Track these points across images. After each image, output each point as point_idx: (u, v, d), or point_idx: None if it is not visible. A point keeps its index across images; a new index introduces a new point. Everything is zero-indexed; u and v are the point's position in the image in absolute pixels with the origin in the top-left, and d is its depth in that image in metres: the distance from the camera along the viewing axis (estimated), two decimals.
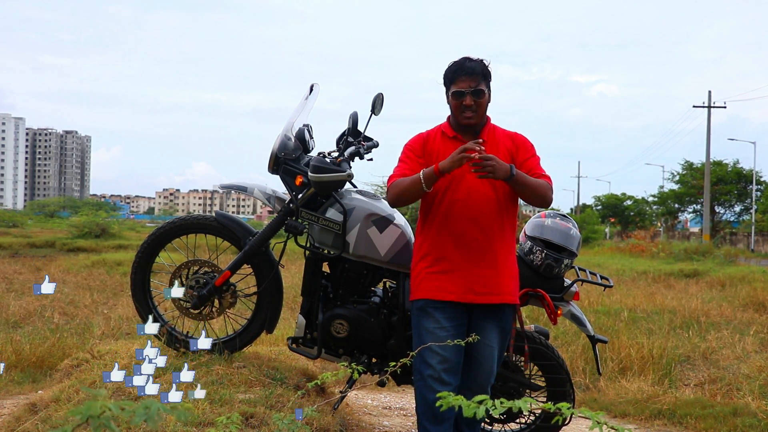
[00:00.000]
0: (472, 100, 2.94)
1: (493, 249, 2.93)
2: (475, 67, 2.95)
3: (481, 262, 2.92)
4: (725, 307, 9.17)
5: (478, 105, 2.95)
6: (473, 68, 2.94)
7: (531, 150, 3.05)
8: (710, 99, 32.95)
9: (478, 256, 2.92)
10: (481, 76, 2.96)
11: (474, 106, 2.95)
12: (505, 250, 2.99)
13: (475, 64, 2.96)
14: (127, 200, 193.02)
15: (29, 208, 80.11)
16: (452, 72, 2.97)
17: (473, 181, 2.91)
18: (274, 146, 3.50)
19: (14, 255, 18.27)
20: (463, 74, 2.94)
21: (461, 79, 2.95)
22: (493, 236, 2.94)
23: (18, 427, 3.21)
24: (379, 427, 4.11)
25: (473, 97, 2.94)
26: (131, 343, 4.15)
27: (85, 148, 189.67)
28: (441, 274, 2.94)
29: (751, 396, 5.00)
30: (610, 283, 3.76)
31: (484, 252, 2.92)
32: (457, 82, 2.96)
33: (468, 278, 2.91)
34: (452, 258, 2.93)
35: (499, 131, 3.07)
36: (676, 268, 15.67)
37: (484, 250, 2.92)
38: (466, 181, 2.92)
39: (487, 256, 2.93)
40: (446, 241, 2.94)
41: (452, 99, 2.98)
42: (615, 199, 57.35)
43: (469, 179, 2.92)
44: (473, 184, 2.92)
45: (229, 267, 3.54)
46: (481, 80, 2.96)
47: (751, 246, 35.64)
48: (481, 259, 2.92)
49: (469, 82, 2.94)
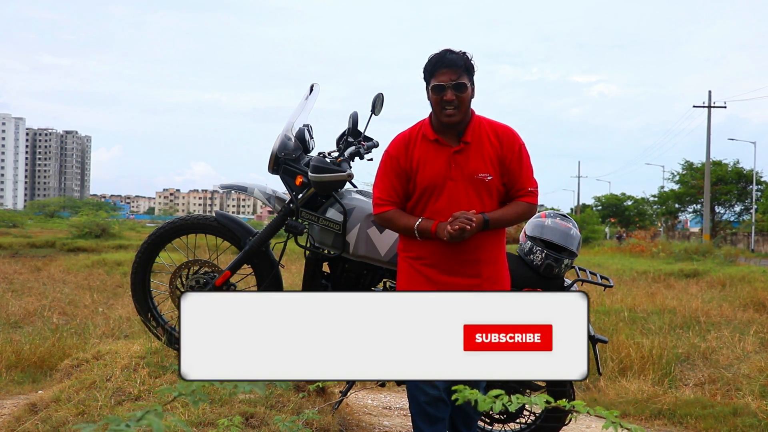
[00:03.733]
0: (454, 94, 2.74)
1: (476, 258, 2.83)
2: (456, 59, 2.75)
3: (462, 271, 2.83)
4: (725, 307, 9.17)
5: (460, 101, 2.75)
6: (454, 60, 2.75)
7: (519, 153, 2.85)
8: (710, 99, 32.96)
9: (460, 265, 2.83)
10: (464, 69, 2.76)
11: (456, 102, 2.74)
12: (492, 258, 2.88)
13: (457, 56, 2.76)
14: (127, 200, 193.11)
15: (29, 208, 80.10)
16: (432, 65, 2.77)
17: (454, 189, 2.81)
18: (274, 146, 3.50)
19: (14, 255, 18.27)
20: (444, 67, 2.75)
21: (441, 72, 2.75)
22: (477, 245, 2.82)
23: (18, 427, 3.22)
24: (379, 427, 4.11)
25: (455, 91, 2.74)
26: (131, 343, 4.15)
27: (85, 148, 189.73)
28: (422, 277, 2.85)
29: (751, 396, 5.00)
30: (610, 283, 3.76)
31: (467, 261, 2.83)
32: (436, 75, 2.75)
33: (449, 286, 2.81)
34: (437, 265, 2.84)
35: (485, 126, 2.86)
36: (676, 268, 15.66)
37: (467, 259, 2.83)
38: (448, 189, 2.81)
39: (470, 266, 2.83)
40: (429, 248, 2.84)
41: (432, 94, 2.77)
42: (615, 199, 57.38)
43: (450, 187, 2.81)
44: (454, 192, 2.81)
45: (229, 267, 3.54)
46: (464, 73, 2.76)
47: (751, 246, 35.64)
48: (463, 268, 2.83)
49: (450, 75, 2.74)
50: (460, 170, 2.80)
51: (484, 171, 2.80)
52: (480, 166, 2.80)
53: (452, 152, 2.82)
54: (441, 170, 2.81)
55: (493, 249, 2.88)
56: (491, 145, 2.83)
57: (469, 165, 2.80)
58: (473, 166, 2.80)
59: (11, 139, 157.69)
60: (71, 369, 3.98)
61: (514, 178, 2.86)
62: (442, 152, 2.83)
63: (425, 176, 2.81)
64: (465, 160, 2.81)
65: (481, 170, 2.80)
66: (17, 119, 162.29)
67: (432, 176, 2.81)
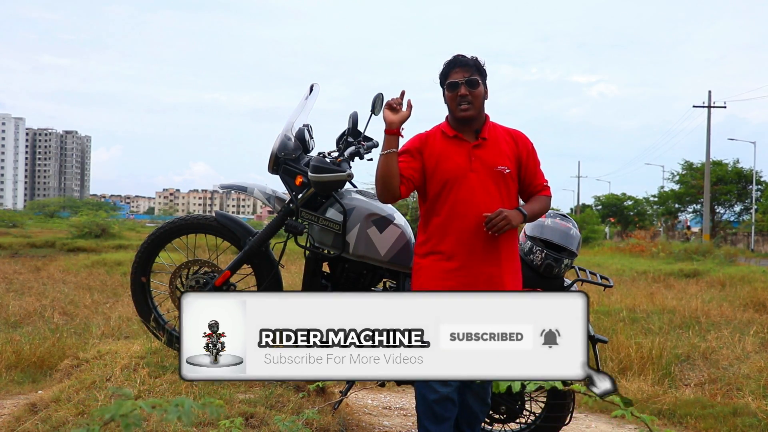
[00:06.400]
0: (467, 90, 2.93)
1: (497, 247, 2.94)
2: (468, 60, 2.98)
3: (486, 260, 2.92)
4: (725, 307, 9.17)
5: (473, 96, 2.94)
6: (466, 61, 2.97)
7: (533, 152, 3.08)
8: (710, 99, 32.96)
9: (482, 254, 2.92)
10: (475, 69, 2.97)
11: (469, 97, 2.94)
12: (509, 248, 3.00)
13: (469, 59, 2.99)
14: (127, 200, 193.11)
15: (29, 208, 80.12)
16: (446, 67, 3.00)
17: (476, 179, 2.93)
18: (274, 146, 3.51)
19: (14, 255, 18.27)
20: (457, 66, 2.97)
21: (455, 71, 2.96)
22: (496, 238, 2.93)
23: (18, 427, 3.21)
24: (379, 427, 4.11)
25: (468, 87, 2.94)
26: (131, 343, 4.15)
27: (85, 148, 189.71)
28: (445, 272, 2.93)
29: (751, 396, 5.00)
30: (610, 283, 3.76)
31: (488, 250, 2.93)
32: (451, 74, 2.97)
33: (474, 276, 2.91)
34: (457, 256, 2.92)
35: (499, 128, 3.08)
36: (676, 268, 15.66)
37: (489, 248, 2.93)
38: (469, 180, 2.93)
39: (491, 254, 2.93)
40: (450, 240, 2.93)
41: (447, 91, 2.98)
42: (615, 199, 57.33)
43: (472, 178, 2.93)
44: (476, 182, 2.93)
45: (229, 267, 3.54)
46: (475, 72, 2.97)
47: (751, 246, 35.63)
48: (485, 257, 2.92)
49: (463, 73, 2.95)
50: (480, 162, 2.96)
51: (503, 164, 2.96)
52: (499, 159, 2.98)
53: (471, 146, 2.97)
54: (462, 162, 2.95)
55: (510, 243, 3.01)
56: (506, 143, 3.05)
57: (489, 158, 2.97)
58: (493, 159, 2.97)
59: (11, 139, 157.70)
60: (71, 369, 3.98)
61: (531, 175, 3.06)
62: (462, 147, 2.98)
63: (446, 168, 2.95)
64: (484, 154, 2.98)
65: (501, 163, 2.97)
66: (17, 119, 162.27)
67: (453, 168, 2.94)
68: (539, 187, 3.08)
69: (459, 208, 2.92)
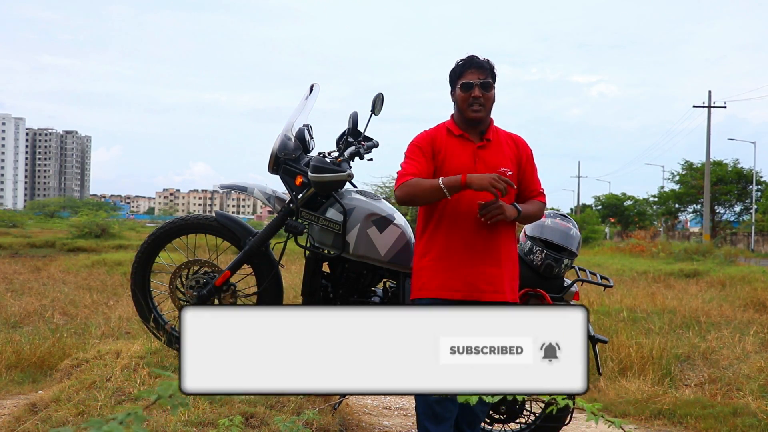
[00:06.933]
0: (481, 92, 2.96)
1: (497, 247, 2.95)
2: (483, 62, 3.00)
3: (486, 260, 2.93)
4: (725, 307, 9.17)
5: (485, 99, 2.98)
6: (482, 63, 3.00)
7: (532, 158, 3.13)
8: (710, 99, 32.97)
9: (483, 254, 2.93)
10: (489, 71, 3.01)
11: (482, 99, 2.97)
12: (508, 248, 3.01)
13: (484, 61, 3.02)
14: (127, 200, 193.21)
15: (29, 208, 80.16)
16: (461, 66, 3.01)
17: None
18: (274, 146, 3.51)
19: (14, 255, 18.28)
20: (473, 67, 2.98)
21: (470, 71, 2.98)
22: (497, 234, 2.95)
23: (18, 427, 3.22)
24: (379, 427, 4.11)
25: (482, 89, 2.96)
26: (131, 343, 4.16)
27: (85, 148, 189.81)
28: (446, 272, 2.94)
29: (751, 396, 5.00)
30: (610, 283, 3.76)
31: (488, 250, 2.94)
32: (465, 74, 2.99)
33: (474, 275, 2.92)
34: (458, 256, 2.93)
35: (502, 132, 3.11)
36: (676, 268, 15.67)
37: (489, 248, 2.94)
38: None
39: (491, 254, 2.94)
40: (451, 239, 2.94)
41: (460, 91, 2.98)
42: (615, 199, 57.34)
43: None
44: None
45: (229, 267, 3.54)
46: (489, 75, 3.00)
47: (751, 246, 35.66)
48: (486, 257, 2.93)
49: (479, 75, 2.97)
50: (484, 164, 2.98)
51: (506, 166, 3.00)
52: (502, 161, 3.02)
53: (476, 147, 3.01)
54: (467, 162, 2.98)
55: (509, 244, 3.03)
56: (508, 146, 3.08)
57: (492, 159, 3.00)
58: (496, 161, 3.00)
59: (11, 139, 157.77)
60: (71, 369, 3.98)
61: (529, 179, 3.11)
62: (467, 147, 3.02)
63: (452, 167, 2.97)
64: (488, 155, 3.01)
65: (503, 165, 3.00)
66: (17, 119, 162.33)
67: (458, 167, 2.96)
68: (535, 193, 3.11)
69: (460, 207, 2.94)
